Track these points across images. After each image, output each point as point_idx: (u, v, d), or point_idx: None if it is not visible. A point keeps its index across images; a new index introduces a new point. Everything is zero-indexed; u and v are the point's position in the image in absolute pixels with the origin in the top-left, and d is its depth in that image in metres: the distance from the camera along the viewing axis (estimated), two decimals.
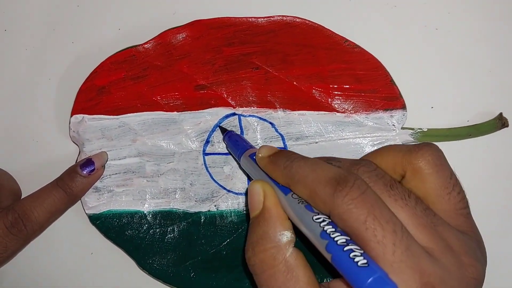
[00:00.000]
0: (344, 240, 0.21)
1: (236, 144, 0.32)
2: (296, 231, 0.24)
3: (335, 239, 0.21)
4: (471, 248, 0.23)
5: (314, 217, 0.22)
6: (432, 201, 0.24)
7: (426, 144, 0.26)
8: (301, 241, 0.26)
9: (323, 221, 0.22)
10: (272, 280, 0.24)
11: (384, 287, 0.19)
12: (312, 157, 0.26)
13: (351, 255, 0.20)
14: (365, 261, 0.20)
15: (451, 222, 0.24)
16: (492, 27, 0.36)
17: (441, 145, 0.34)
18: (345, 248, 0.20)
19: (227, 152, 0.35)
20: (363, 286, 0.19)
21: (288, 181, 0.25)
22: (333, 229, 0.21)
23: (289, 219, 0.25)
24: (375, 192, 0.22)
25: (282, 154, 0.26)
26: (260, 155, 0.28)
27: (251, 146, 0.31)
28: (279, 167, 0.26)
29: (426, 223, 0.23)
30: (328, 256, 0.21)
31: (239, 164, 0.33)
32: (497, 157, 0.35)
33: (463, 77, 0.35)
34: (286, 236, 0.24)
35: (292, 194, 0.24)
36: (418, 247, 0.21)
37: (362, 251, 0.20)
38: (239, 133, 0.35)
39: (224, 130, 0.35)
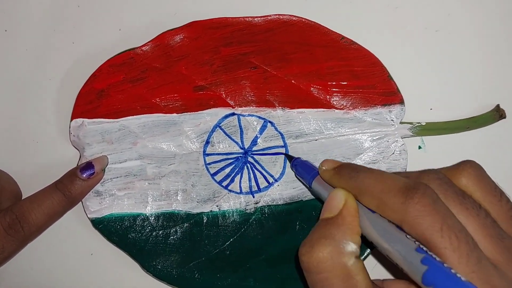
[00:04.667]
0: (440, 260, 0.21)
1: (306, 170, 0.32)
2: None
3: (433, 256, 0.21)
4: None
5: (408, 236, 0.22)
6: (487, 210, 0.24)
7: (464, 161, 0.26)
8: None
9: (416, 240, 0.22)
10: (327, 283, 0.23)
11: None
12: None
13: (452, 271, 0.20)
14: (466, 279, 0.20)
15: (507, 230, 0.24)
16: (492, 28, 0.36)
17: (440, 138, 0.35)
18: (445, 264, 0.20)
19: (227, 152, 0.35)
20: None
21: (355, 192, 0.25)
22: (428, 249, 0.21)
23: (362, 236, 0.25)
24: (444, 202, 0.22)
25: (348, 166, 0.27)
26: (324, 168, 0.28)
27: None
28: (344, 178, 0.26)
29: (495, 235, 0.23)
30: (421, 269, 0.21)
31: (311, 191, 0.33)
32: (495, 148, 0.35)
33: (460, 72, 0.36)
34: (352, 247, 0.24)
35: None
36: (487, 260, 0.21)
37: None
38: (240, 133, 0.35)
39: (290, 158, 0.34)
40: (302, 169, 0.33)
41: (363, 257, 0.33)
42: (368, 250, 0.33)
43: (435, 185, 0.24)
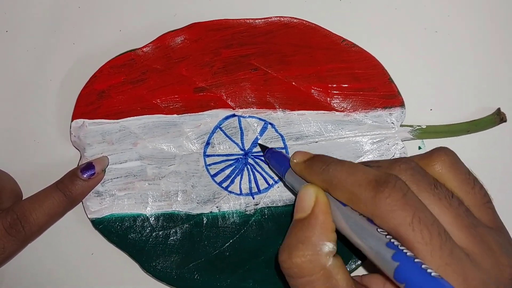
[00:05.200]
0: (412, 254, 0.21)
1: (279, 162, 0.31)
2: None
3: (404, 250, 0.21)
4: (506, 247, 0.23)
5: (379, 229, 0.22)
6: (460, 199, 0.24)
7: (437, 148, 0.26)
8: None
9: (388, 234, 0.22)
10: (309, 287, 0.24)
11: None
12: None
13: (423, 266, 0.20)
14: (437, 273, 0.20)
15: (481, 218, 0.24)
16: (493, 30, 0.36)
17: (440, 141, 0.35)
18: (416, 260, 0.20)
19: (228, 153, 0.35)
20: None
21: (326, 185, 0.25)
22: (399, 243, 0.21)
23: (336, 231, 0.25)
24: (415, 194, 0.22)
25: (318, 159, 0.27)
26: (295, 160, 0.28)
27: None
28: (315, 172, 0.26)
29: (468, 225, 0.22)
30: (393, 265, 0.20)
31: (283, 182, 0.33)
32: (496, 152, 0.35)
33: (461, 75, 0.36)
34: (328, 247, 0.24)
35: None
36: (460, 251, 0.21)
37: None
38: (240, 134, 0.35)
39: (264, 148, 0.34)
40: (275, 161, 0.32)
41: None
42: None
43: (407, 175, 0.24)
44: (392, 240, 0.21)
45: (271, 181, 0.35)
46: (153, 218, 0.35)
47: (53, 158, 0.37)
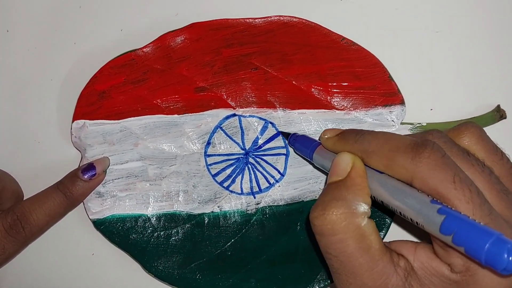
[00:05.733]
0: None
1: (305, 144, 0.32)
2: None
3: (448, 206, 0.21)
4: None
5: (419, 191, 0.22)
6: (491, 168, 0.24)
7: (465, 122, 0.26)
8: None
9: (429, 195, 0.22)
10: (342, 245, 0.23)
11: (508, 245, 0.18)
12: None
13: (470, 218, 0.20)
14: (484, 224, 0.20)
15: (510, 188, 0.24)
16: (492, 28, 0.36)
17: None
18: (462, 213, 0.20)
19: (229, 153, 0.35)
20: (486, 245, 0.19)
21: (362, 154, 0.25)
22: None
23: (372, 197, 0.25)
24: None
25: (351, 131, 0.27)
26: (326, 136, 0.28)
27: (320, 143, 0.31)
28: (349, 142, 0.26)
29: (500, 190, 0.23)
30: (439, 219, 0.21)
31: (312, 164, 0.33)
32: None
33: (460, 72, 0.36)
34: (364, 207, 0.24)
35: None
36: (497, 213, 0.22)
37: None
38: (241, 134, 0.35)
39: (287, 134, 0.34)
40: (301, 144, 0.32)
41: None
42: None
43: (440, 142, 0.24)
44: (435, 199, 0.22)
45: (272, 180, 0.35)
46: (154, 219, 0.35)
47: (54, 159, 0.37)
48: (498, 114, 0.34)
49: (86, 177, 0.33)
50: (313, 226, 0.24)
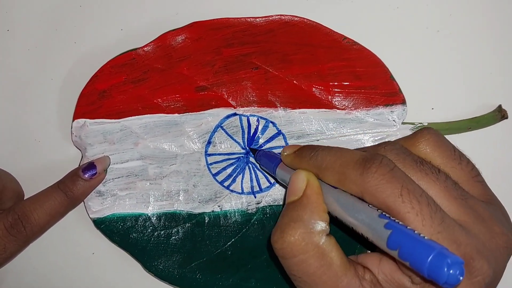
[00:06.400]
0: (402, 223, 0.21)
1: (270, 159, 0.32)
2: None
3: (395, 220, 0.21)
4: (498, 217, 0.23)
5: (370, 205, 0.23)
6: (448, 174, 0.25)
7: (421, 129, 0.26)
8: None
9: (379, 209, 0.22)
10: (304, 265, 0.24)
11: (448, 259, 0.19)
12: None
13: (415, 232, 0.20)
14: (429, 238, 0.20)
15: (472, 191, 0.24)
16: (494, 28, 0.36)
17: None
18: (408, 227, 0.21)
19: (229, 152, 0.35)
20: (428, 259, 0.19)
21: (316, 170, 0.25)
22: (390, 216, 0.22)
23: (328, 213, 0.25)
24: (403, 170, 0.23)
25: (307, 147, 0.27)
26: (285, 153, 0.29)
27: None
28: (305, 158, 0.26)
29: (457, 196, 0.23)
30: (386, 233, 0.21)
31: (277, 180, 0.33)
32: (497, 149, 0.35)
33: (462, 72, 0.36)
34: (321, 225, 0.24)
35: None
36: (451, 220, 0.22)
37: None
38: (241, 133, 0.35)
39: (254, 151, 0.35)
40: (266, 159, 0.33)
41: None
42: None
43: (392, 155, 0.24)
44: (384, 213, 0.22)
45: (272, 180, 0.35)
46: (154, 218, 0.35)
47: (54, 158, 0.37)
48: (499, 114, 0.34)
49: (86, 176, 0.33)
50: (275, 250, 0.25)
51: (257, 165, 0.35)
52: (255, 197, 0.35)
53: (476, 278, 0.21)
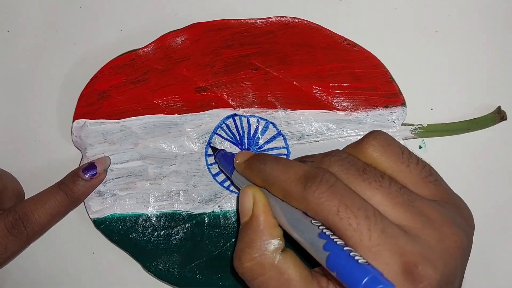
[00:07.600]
0: (342, 242, 0.21)
1: (228, 162, 0.32)
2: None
3: (334, 239, 0.21)
4: (450, 217, 0.23)
5: (312, 221, 0.23)
6: (396, 178, 0.24)
7: (368, 133, 0.26)
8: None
9: (322, 224, 0.22)
10: (265, 286, 0.24)
11: (380, 285, 0.19)
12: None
13: (351, 254, 0.20)
14: (364, 260, 0.20)
15: (423, 193, 0.24)
16: (493, 29, 0.36)
17: (441, 139, 0.35)
18: (345, 248, 0.21)
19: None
20: (361, 284, 0.19)
21: (264, 183, 0.26)
22: (331, 232, 0.22)
23: (279, 226, 0.25)
24: (344, 183, 0.23)
25: (256, 158, 0.27)
26: (237, 161, 0.28)
27: None
28: (254, 171, 0.26)
29: (402, 201, 0.23)
30: (324, 255, 0.21)
31: (232, 182, 0.33)
32: (496, 150, 0.35)
33: (461, 74, 0.36)
34: (274, 244, 0.24)
35: None
36: (394, 228, 0.21)
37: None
38: (241, 134, 0.35)
39: (215, 150, 0.35)
40: (224, 161, 0.32)
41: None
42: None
43: (337, 166, 0.24)
44: (325, 231, 0.22)
45: None
46: (154, 218, 0.35)
47: (54, 158, 0.37)
48: (498, 115, 0.34)
49: (87, 176, 0.33)
50: (238, 274, 0.25)
51: None
52: None
53: (421, 284, 0.21)
